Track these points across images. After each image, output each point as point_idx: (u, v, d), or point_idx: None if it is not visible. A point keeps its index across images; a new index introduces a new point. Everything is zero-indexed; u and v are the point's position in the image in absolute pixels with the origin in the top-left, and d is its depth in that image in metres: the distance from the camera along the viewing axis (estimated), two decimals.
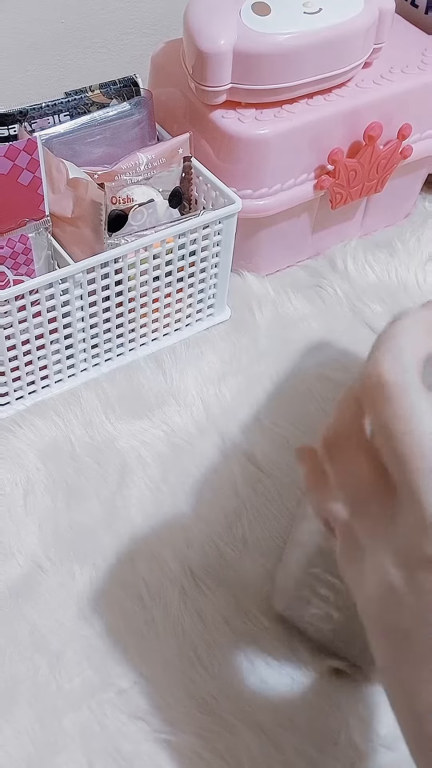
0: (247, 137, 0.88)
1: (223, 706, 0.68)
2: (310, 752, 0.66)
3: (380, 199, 1.05)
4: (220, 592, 0.74)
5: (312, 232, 1.03)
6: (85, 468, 0.83)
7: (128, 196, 0.84)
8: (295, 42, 0.85)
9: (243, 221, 0.91)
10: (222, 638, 0.72)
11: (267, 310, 0.99)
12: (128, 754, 0.65)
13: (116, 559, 0.76)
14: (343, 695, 0.69)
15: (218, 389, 0.90)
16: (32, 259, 0.81)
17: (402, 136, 0.96)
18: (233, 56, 0.85)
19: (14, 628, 0.72)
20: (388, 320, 0.48)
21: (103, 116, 0.89)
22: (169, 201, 0.88)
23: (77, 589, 0.74)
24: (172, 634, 0.72)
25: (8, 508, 0.80)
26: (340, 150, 0.93)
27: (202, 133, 0.92)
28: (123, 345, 0.91)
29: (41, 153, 0.78)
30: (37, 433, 0.85)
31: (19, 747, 0.65)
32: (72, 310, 0.83)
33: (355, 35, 0.88)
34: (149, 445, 0.85)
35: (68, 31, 1.08)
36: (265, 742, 0.66)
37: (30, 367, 0.85)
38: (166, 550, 0.77)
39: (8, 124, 0.88)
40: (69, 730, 0.66)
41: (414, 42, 1.00)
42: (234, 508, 0.81)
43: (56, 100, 0.90)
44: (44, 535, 0.78)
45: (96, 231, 0.85)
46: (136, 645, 0.71)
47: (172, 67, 0.94)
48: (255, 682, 0.69)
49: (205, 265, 0.91)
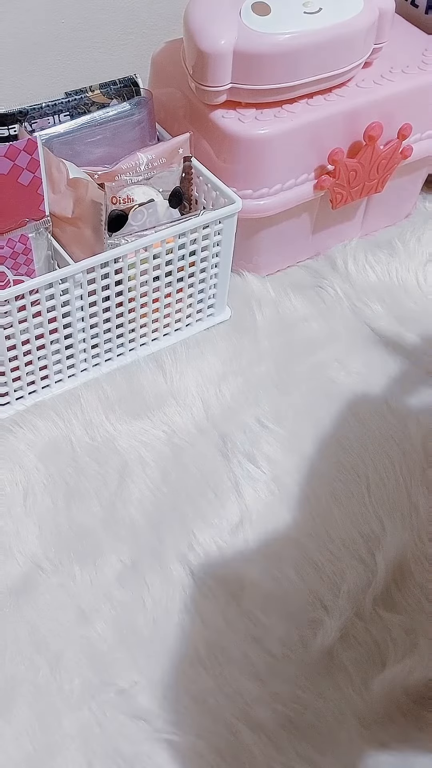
0: (248, 137, 0.88)
1: (223, 706, 0.68)
2: (310, 753, 0.66)
3: (380, 199, 1.05)
4: (221, 592, 0.74)
5: (312, 232, 1.03)
6: (85, 468, 0.83)
7: (128, 196, 0.84)
8: (295, 42, 0.85)
9: (243, 221, 0.91)
10: (222, 638, 0.72)
11: (267, 310, 0.99)
12: (128, 754, 0.65)
13: (116, 560, 0.76)
14: (343, 696, 0.69)
15: (218, 389, 0.90)
16: (32, 259, 0.81)
17: (402, 136, 0.96)
18: (233, 56, 0.85)
19: (14, 628, 0.72)
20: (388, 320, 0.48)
21: (103, 116, 0.89)
22: (169, 201, 0.88)
23: (77, 589, 0.74)
24: (173, 635, 0.72)
25: (8, 508, 0.80)
26: (341, 150, 0.93)
27: (203, 133, 0.91)
28: (123, 345, 0.91)
29: (41, 153, 0.78)
30: (37, 434, 0.85)
31: (19, 747, 0.65)
32: (72, 310, 0.83)
33: (355, 35, 0.88)
34: (149, 445, 0.85)
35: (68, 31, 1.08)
36: (265, 742, 0.66)
37: (30, 367, 0.85)
38: (167, 550, 0.77)
39: (8, 124, 0.88)
40: (69, 730, 0.66)
41: (414, 42, 1.00)
42: (234, 508, 0.80)
43: (56, 100, 0.90)
44: (44, 535, 0.78)
45: (96, 231, 0.85)
46: (136, 645, 0.71)
47: (172, 67, 0.94)
48: (255, 682, 0.69)
49: (205, 265, 0.91)
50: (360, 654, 0.71)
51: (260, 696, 0.69)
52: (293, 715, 0.68)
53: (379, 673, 0.70)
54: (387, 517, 0.80)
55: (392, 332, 0.97)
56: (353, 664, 0.71)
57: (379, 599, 0.74)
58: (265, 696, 0.69)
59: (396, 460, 0.85)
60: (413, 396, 0.91)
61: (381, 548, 0.78)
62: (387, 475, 0.83)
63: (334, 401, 0.90)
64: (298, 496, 0.82)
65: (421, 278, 1.03)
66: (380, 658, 0.71)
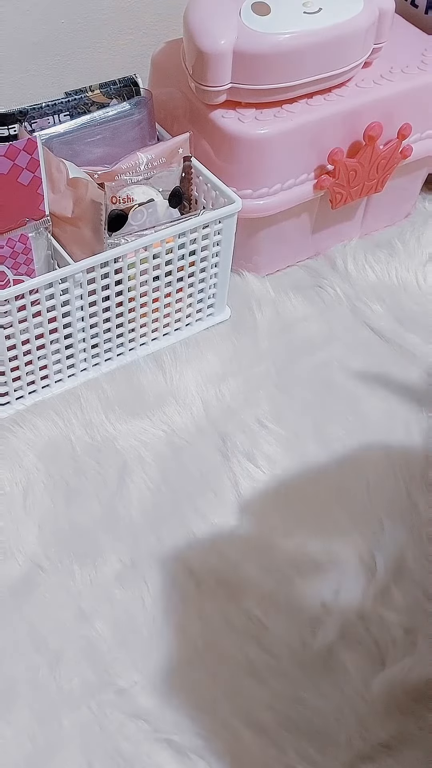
0: (247, 137, 0.88)
1: (223, 706, 0.68)
2: (311, 752, 0.66)
3: (380, 199, 1.05)
4: (221, 592, 0.74)
5: (312, 232, 1.03)
6: (85, 468, 0.83)
7: (128, 195, 0.84)
8: (295, 42, 0.85)
9: (243, 221, 0.91)
10: (222, 638, 0.72)
11: (267, 310, 0.99)
12: (128, 754, 0.65)
13: (116, 559, 0.76)
14: (343, 696, 0.69)
15: (218, 389, 0.90)
16: (32, 258, 0.81)
17: (402, 136, 0.96)
18: (233, 56, 0.85)
19: (14, 628, 0.72)
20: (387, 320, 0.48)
21: (103, 116, 0.89)
22: (169, 201, 0.88)
23: (77, 589, 0.74)
24: (173, 634, 0.72)
25: (8, 508, 0.80)
26: (340, 150, 0.93)
27: (202, 133, 0.91)
28: (123, 345, 0.91)
29: (41, 153, 0.78)
30: (37, 433, 0.85)
31: (19, 747, 0.65)
32: (72, 310, 0.83)
33: (355, 35, 0.88)
34: (149, 445, 0.85)
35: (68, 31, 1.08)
36: (265, 742, 0.66)
37: (30, 367, 0.85)
38: (167, 550, 0.77)
39: (8, 124, 0.88)
40: (69, 730, 0.66)
41: (414, 42, 1.00)
42: (234, 508, 0.80)
43: (56, 100, 0.90)
44: (44, 535, 0.78)
45: (96, 231, 0.85)
46: (136, 645, 0.71)
47: (172, 67, 0.94)
48: (255, 681, 0.69)
49: (205, 265, 0.91)
50: (360, 654, 0.71)
51: (260, 696, 0.69)
52: (293, 715, 0.68)
53: (378, 673, 0.70)
54: (387, 517, 0.80)
55: (392, 332, 0.97)
56: (353, 664, 0.71)
57: (379, 599, 0.74)
58: (265, 696, 0.69)
59: (396, 460, 0.85)
60: (413, 396, 0.91)
61: (381, 548, 0.78)
62: (387, 475, 0.83)
63: (334, 401, 0.90)
64: (297, 495, 0.82)
65: (420, 278, 1.03)
66: (380, 658, 0.71)
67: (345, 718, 0.67)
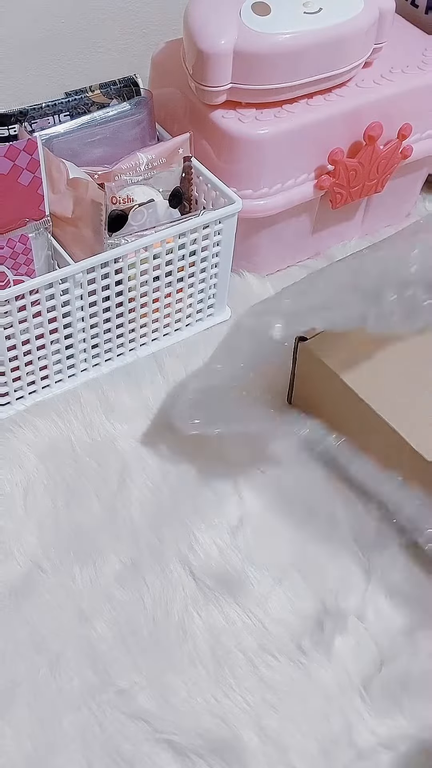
0: (248, 137, 0.88)
1: (223, 706, 0.68)
2: (311, 752, 0.66)
3: (380, 199, 1.05)
4: (221, 592, 0.74)
5: (312, 232, 1.03)
6: (85, 468, 0.83)
7: (128, 196, 0.84)
8: (295, 42, 0.85)
9: (243, 221, 0.91)
10: (222, 638, 0.72)
11: None
12: (128, 754, 0.65)
13: (116, 560, 0.76)
14: (343, 695, 0.69)
15: None
16: (32, 259, 0.81)
17: (402, 136, 0.96)
18: (233, 56, 0.85)
19: (14, 628, 0.72)
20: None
21: (103, 116, 0.89)
22: (169, 201, 0.88)
23: (77, 589, 0.74)
24: (173, 634, 0.72)
25: (8, 508, 0.80)
26: (341, 150, 0.93)
27: (203, 133, 0.91)
28: (123, 345, 0.91)
29: (41, 153, 0.78)
30: (37, 434, 0.85)
31: (19, 747, 0.65)
32: (72, 310, 0.83)
33: (355, 35, 0.88)
34: (149, 445, 0.85)
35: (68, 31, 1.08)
36: (265, 741, 0.66)
37: (30, 367, 0.85)
38: (167, 550, 0.77)
39: (8, 124, 0.88)
40: (69, 730, 0.66)
41: (414, 42, 1.00)
42: (234, 508, 0.80)
43: (56, 100, 0.90)
44: (44, 535, 0.78)
45: (96, 231, 0.85)
46: (136, 645, 0.71)
47: (173, 67, 0.94)
48: (255, 682, 0.69)
49: (205, 265, 0.91)
50: (360, 654, 0.71)
51: (260, 695, 0.69)
52: (293, 715, 0.68)
53: (378, 673, 0.70)
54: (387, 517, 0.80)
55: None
56: (353, 664, 0.71)
57: (379, 599, 0.74)
58: (265, 695, 0.69)
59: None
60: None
61: (381, 548, 0.78)
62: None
63: None
64: (297, 495, 0.82)
65: None
66: (380, 658, 0.71)
67: (345, 718, 0.68)
